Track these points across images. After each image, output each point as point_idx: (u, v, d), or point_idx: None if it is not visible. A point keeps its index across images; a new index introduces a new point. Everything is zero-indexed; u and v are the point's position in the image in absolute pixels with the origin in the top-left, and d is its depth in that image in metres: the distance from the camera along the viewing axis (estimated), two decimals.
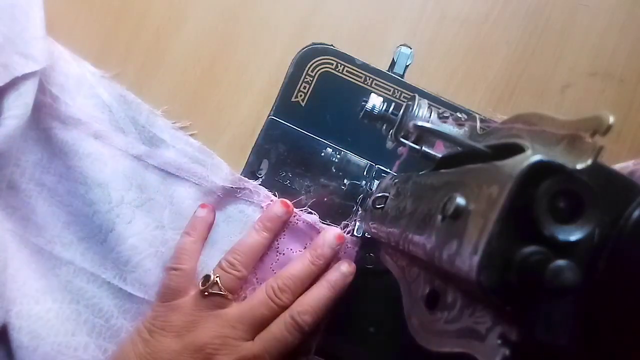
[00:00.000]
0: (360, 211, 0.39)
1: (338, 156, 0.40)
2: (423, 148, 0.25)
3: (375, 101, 0.28)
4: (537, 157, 0.15)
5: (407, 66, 0.41)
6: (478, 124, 0.23)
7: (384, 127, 0.29)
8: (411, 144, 0.25)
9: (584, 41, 0.41)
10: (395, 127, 0.26)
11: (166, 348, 0.34)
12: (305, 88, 0.41)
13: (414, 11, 0.42)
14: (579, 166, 0.15)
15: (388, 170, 0.40)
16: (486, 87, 0.41)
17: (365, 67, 0.41)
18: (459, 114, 0.24)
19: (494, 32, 0.42)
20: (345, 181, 0.40)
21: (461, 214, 0.16)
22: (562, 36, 0.41)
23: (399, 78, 0.41)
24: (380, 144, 0.38)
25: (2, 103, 0.34)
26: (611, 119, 0.15)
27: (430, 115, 0.25)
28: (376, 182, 0.39)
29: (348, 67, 0.41)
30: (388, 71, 0.41)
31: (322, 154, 0.40)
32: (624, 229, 0.15)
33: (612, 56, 0.41)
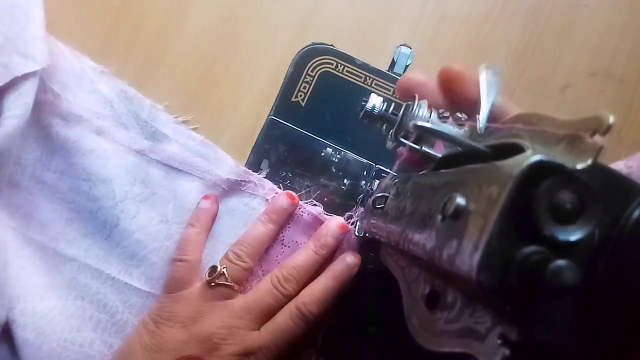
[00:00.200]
0: (360, 209, 0.39)
1: (338, 156, 0.40)
2: (423, 148, 0.25)
3: (375, 101, 0.28)
4: (537, 157, 0.15)
5: (407, 66, 0.41)
6: (478, 124, 0.23)
7: (384, 127, 0.29)
8: (411, 144, 0.25)
9: (584, 41, 0.41)
10: (395, 127, 0.26)
11: (172, 339, 0.34)
12: (305, 88, 0.41)
13: (414, 11, 0.42)
14: (579, 166, 0.15)
15: (388, 170, 0.40)
16: None
17: (365, 67, 0.41)
18: (459, 114, 0.24)
19: (494, 32, 0.42)
20: (345, 181, 0.40)
21: (461, 214, 0.16)
22: (562, 36, 0.41)
23: (399, 78, 0.41)
24: (380, 144, 0.38)
25: (2, 103, 0.34)
26: (611, 119, 0.15)
27: (430, 115, 0.25)
28: (376, 182, 0.39)
29: (348, 67, 0.41)
30: (388, 71, 0.41)
31: (322, 154, 0.40)
32: (624, 229, 0.15)
33: (612, 56, 0.41)
